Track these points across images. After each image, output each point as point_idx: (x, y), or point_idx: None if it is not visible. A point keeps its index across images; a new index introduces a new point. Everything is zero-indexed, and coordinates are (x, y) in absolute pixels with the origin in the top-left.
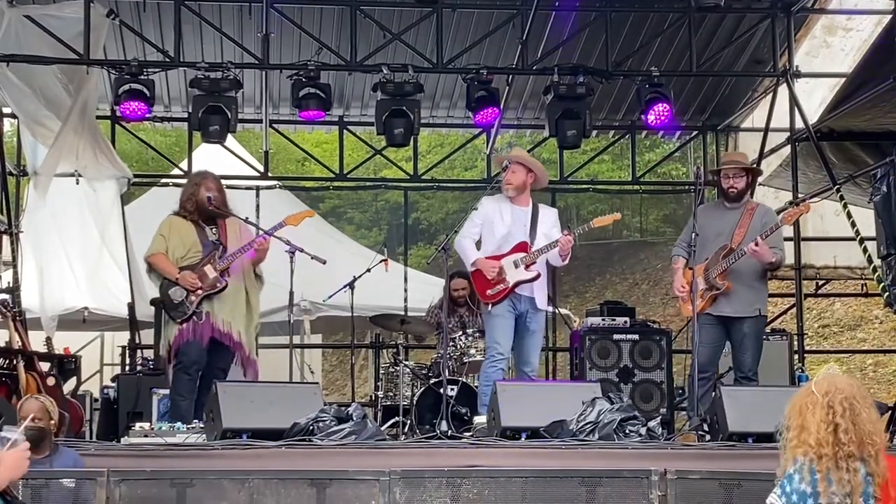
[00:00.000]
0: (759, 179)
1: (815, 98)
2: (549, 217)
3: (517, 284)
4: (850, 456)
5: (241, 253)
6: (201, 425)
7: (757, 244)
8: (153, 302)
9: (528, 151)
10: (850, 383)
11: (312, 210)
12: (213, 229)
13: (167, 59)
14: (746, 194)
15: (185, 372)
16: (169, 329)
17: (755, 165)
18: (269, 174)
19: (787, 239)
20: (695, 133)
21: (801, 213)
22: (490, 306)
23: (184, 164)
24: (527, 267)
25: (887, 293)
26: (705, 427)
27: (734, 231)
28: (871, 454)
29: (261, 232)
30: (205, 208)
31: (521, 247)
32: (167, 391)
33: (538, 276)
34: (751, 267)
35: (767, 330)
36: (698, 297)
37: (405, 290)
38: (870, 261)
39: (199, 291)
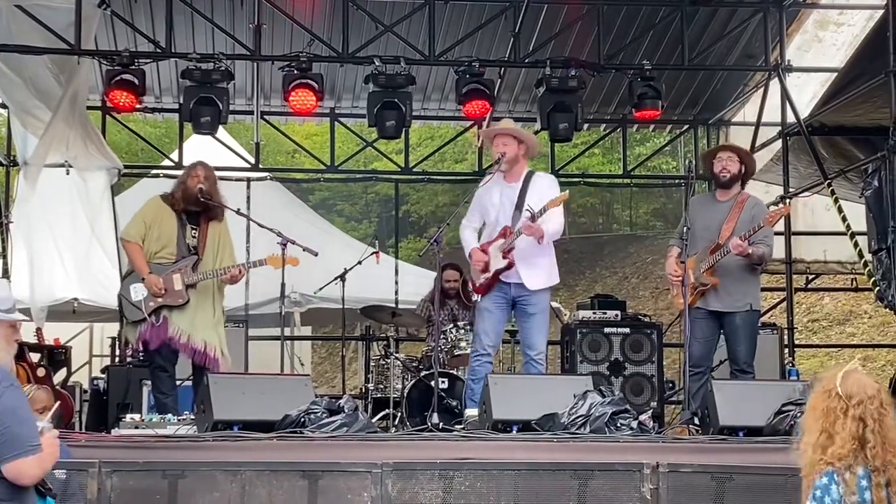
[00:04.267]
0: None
1: (807, 93)
2: (540, 187)
3: (497, 274)
4: (875, 470)
5: (214, 276)
6: (192, 417)
7: (738, 242)
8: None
9: None
10: (878, 387)
11: (298, 260)
12: (194, 231)
13: (158, 50)
14: (738, 182)
15: (161, 370)
16: (129, 330)
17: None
18: (260, 166)
19: (777, 233)
20: (686, 127)
21: (782, 214)
22: (478, 297)
23: (174, 155)
24: (504, 255)
25: (878, 287)
26: (696, 420)
27: (722, 226)
28: (892, 462)
29: (250, 225)
30: (192, 197)
31: (504, 232)
32: None
33: (510, 265)
34: (739, 261)
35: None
36: (688, 291)
37: (396, 283)
38: (860, 255)
39: (160, 300)
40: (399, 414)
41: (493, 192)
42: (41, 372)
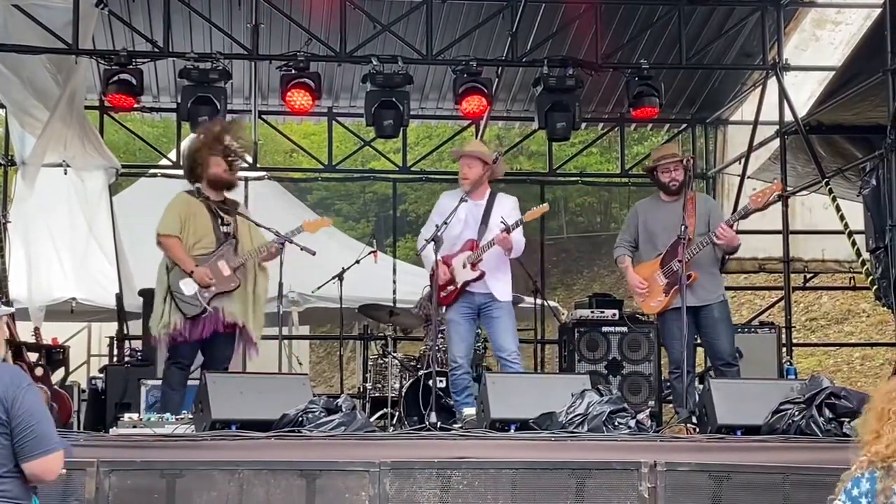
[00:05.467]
0: (748, 172)
1: (805, 91)
2: (504, 207)
3: (465, 285)
4: None
5: (256, 256)
6: (190, 416)
7: (724, 229)
8: (141, 292)
9: (518, 144)
10: None
11: (329, 221)
12: (224, 220)
13: (156, 49)
14: (685, 185)
15: (178, 367)
16: (172, 315)
17: (690, 156)
18: (258, 165)
19: (775, 232)
20: (684, 126)
21: (772, 192)
22: (444, 309)
23: (172, 155)
24: (472, 266)
25: (876, 286)
26: (694, 419)
27: (685, 222)
28: None
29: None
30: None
31: (469, 245)
32: (155, 382)
33: (482, 275)
34: (707, 255)
35: (756, 322)
36: (661, 293)
37: (394, 282)
38: (858, 254)
39: (213, 289)
40: (397, 413)
41: (458, 209)
42: (39, 371)
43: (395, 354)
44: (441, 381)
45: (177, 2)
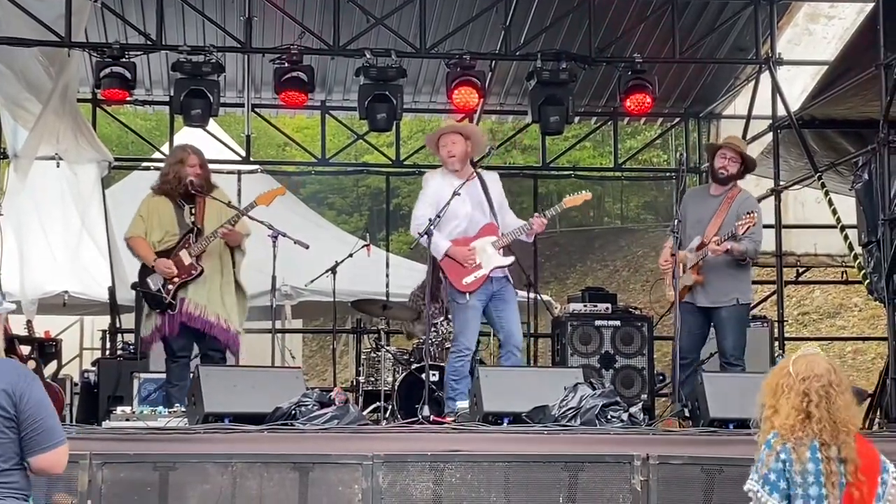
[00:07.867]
0: None
1: (797, 86)
2: (495, 185)
3: (493, 270)
4: (824, 444)
5: (214, 237)
6: (183, 409)
7: (714, 248)
8: (134, 286)
9: (511, 137)
10: (829, 368)
11: (283, 188)
12: (192, 209)
13: (149, 42)
14: (734, 181)
15: (173, 361)
16: (149, 319)
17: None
18: (251, 158)
19: (768, 226)
20: (677, 120)
21: (752, 221)
22: (467, 296)
23: (165, 148)
24: (505, 252)
25: (868, 280)
26: (686, 413)
27: (710, 222)
28: (846, 441)
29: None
30: (184, 186)
31: (490, 229)
32: (148, 375)
33: (514, 260)
34: (725, 257)
35: (748, 316)
36: (679, 284)
37: (387, 276)
38: (850, 248)
39: (176, 279)
40: (390, 406)
41: (455, 187)
42: (31, 364)
43: (388, 348)
44: (434, 374)
45: None
